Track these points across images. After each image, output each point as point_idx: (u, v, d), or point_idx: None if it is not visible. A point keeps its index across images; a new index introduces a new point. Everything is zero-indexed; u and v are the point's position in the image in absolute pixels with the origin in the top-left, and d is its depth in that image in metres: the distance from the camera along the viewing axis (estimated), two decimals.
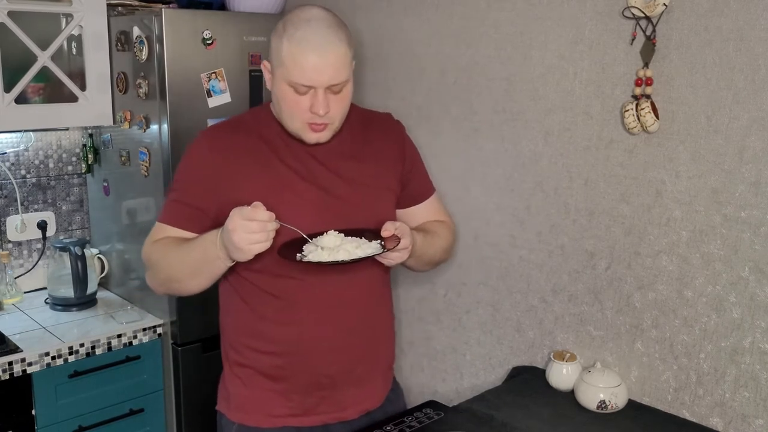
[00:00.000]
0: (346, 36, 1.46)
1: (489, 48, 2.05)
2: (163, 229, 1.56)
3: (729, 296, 1.62)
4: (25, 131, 2.57)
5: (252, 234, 1.35)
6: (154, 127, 2.32)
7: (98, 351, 2.27)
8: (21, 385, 2.12)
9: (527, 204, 2.01)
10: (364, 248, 1.46)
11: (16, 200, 2.59)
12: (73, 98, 2.40)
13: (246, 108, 2.34)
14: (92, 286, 2.53)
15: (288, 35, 1.42)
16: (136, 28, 2.32)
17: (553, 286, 1.97)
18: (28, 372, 2.12)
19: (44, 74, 2.36)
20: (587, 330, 1.91)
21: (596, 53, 1.80)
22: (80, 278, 2.44)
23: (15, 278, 2.57)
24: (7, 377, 2.08)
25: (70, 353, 2.20)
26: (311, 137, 1.50)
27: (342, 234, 1.48)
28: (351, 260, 1.42)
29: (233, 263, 1.45)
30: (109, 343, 2.29)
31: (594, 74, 1.81)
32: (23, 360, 2.11)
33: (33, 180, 2.64)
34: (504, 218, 2.08)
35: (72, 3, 2.35)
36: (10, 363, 2.09)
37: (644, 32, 1.68)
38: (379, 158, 1.63)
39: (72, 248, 2.42)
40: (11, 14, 2.24)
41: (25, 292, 2.62)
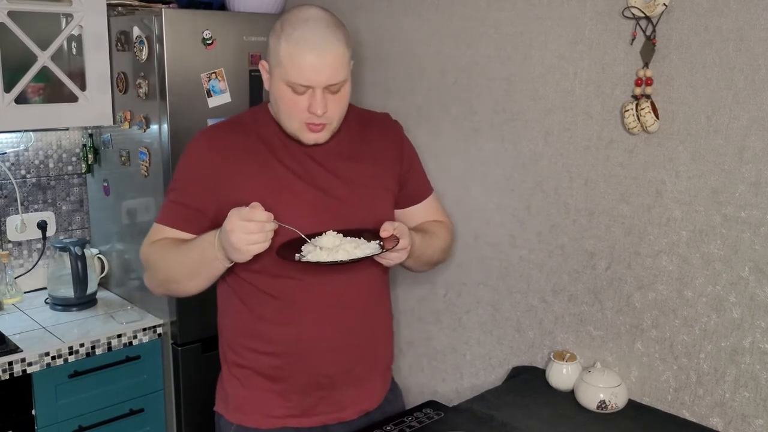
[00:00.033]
0: (344, 36, 1.46)
1: (489, 48, 2.05)
2: (161, 230, 1.55)
3: (729, 296, 1.62)
4: (25, 131, 2.57)
5: (250, 235, 1.34)
6: (154, 127, 2.32)
7: (98, 351, 2.27)
8: (21, 385, 2.12)
9: (527, 204, 2.01)
10: (363, 248, 1.46)
11: (16, 200, 2.59)
12: (73, 98, 2.41)
13: (246, 108, 2.34)
14: (92, 286, 2.53)
15: (286, 35, 1.42)
16: (136, 28, 2.32)
17: (553, 286, 1.97)
18: (28, 372, 2.12)
19: (44, 74, 2.36)
20: (587, 330, 1.91)
21: (596, 53, 1.80)
22: (80, 278, 2.44)
23: (15, 278, 2.57)
24: (7, 377, 2.08)
25: (70, 353, 2.20)
26: (309, 138, 1.49)
27: (341, 234, 1.48)
28: (350, 260, 1.41)
29: (232, 264, 1.45)
30: (109, 343, 2.29)
31: (594, 74, 1.81)
32: (23, 360, 2.11)
33: (33, 180, 2.64)
34: (504, 218, 2.08)
35: (72, 3, 2.35)
36: (10, 363, 2.09)
37: (644, 32, 1.68)
38: (377, 158, 1.63)
39: (72, 248, 2.42)
40: (11, 14, 2.24)
41: (25, 292, 2.62)
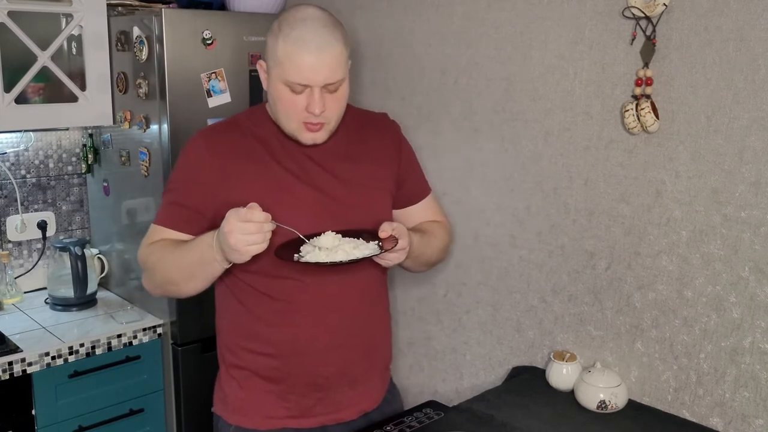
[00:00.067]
0: (342, 35, 1.45)
1: (489, 48, 2.05)
2: (159, 231, 1.55)
3: (729, 296, 1.62)
4: (25, 131, 2.57)
5: (248, 235, 1.34)
6: (154, 127, 2.32)
7: (98, 351, 2.27)
8: (21, 385, 2.12)
9: (527, 204, 2.01)
10: (362, 249, 1.46)
11: (16, 200, 2.59)
12: (73, 98, 2.41)
13: (246, 108, 2.34)
14: (92, 286, 2.53)
15: (284, 35, 1.42)
16: (136, 28, 2.32)
17: (553, 286, 1.97)
18: (28, 372, 2.12)
19: (44, 74, 2.36)
20: (587, 330, 1.91)
21: (596, 53, 1.80)
22: (80, 278, 2.44)
23: (15, 278, 2.57)
24: (7, 377, 2.08)
25: (70, 353, 2.20)
26: (307, 138, 1.49)
27: (339, 235, 1.47)
28: (349, 261, 1.41)
29: (230, 265, 1.44)
30: (109, 343, 2.29)
31: (594, 74, 1.81)
32: (23, 360, 2.11)
33: (33, 180, 2.64)
34: (504, 218, 2.08)
35: (72, 3, 2.35)
36: (10, 363, 2.09)
37: (644, 32, 1.68)
38: (376, 158, 1.63)
39: (72, 248, 2.42)
40: (11, 14, 2.24)
41: (25, 292, 2.62)
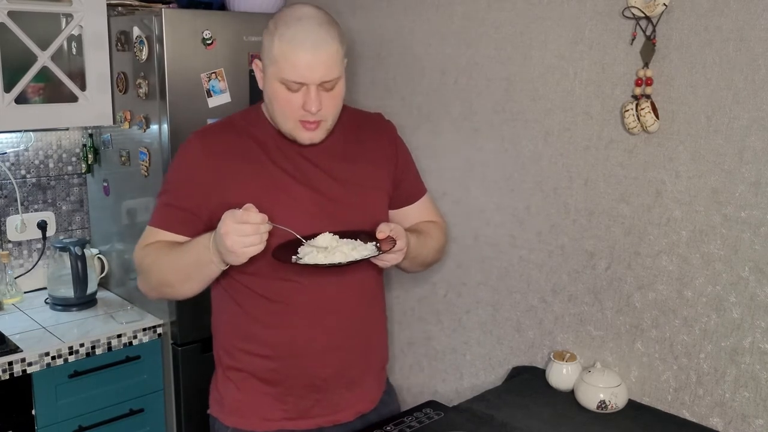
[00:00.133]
0: (338, 33, 1.45)
1: (489, 48, 2.05)
2: (155, 233, 1.54)
3: (729, 296, 1.62)
4: (25, 131, 2.57)
5: (245, 237, 1.33)
6: (154, 127, 2.32)
7: (98, 351, 2.27)
8: (21, 385, 2.12)
9: (527, 204, 2.01)
10: (360, 250, 1.45)
11: (16, 200, 2.59)
12: (73, 98, 2.41)
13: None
14: (92, 286, 2.53)
15: (279, 33, 1.42)
16: (136, 28, 2.32)
17: (553, 286, 1.97)
18: (28, 372, 2.12)
19: (44, 74, 2.36)
20: (587, 330, 1.91)
21: (596, 53, 1.80)
22: (80, 278, 2.44)
23: (15, 278, 2.57)
24: (7, 377, 2.08)
25: (70, 353, 2.20)
26: (305, 137, 1.48)
27: (337, 236, 1.47)
28: (348, 262, 1.41)
29: (227, 267, 1.43)
30: (109, 343, 2.29)
31: (594, 74, 1.81)
32: (23, 360, 2.11)
33: (33, 180, 2.64)
34: (504, 218, 2.08)
35: (72, 3, 2.35)
36: (10, 363, 2.09)
37: (644, 32, 1.68)
38: (372, 159, 1.63)
39: (72, 248, 2.42)
40: (11, 14, 2.24)
41: (25, 292, 2.62)
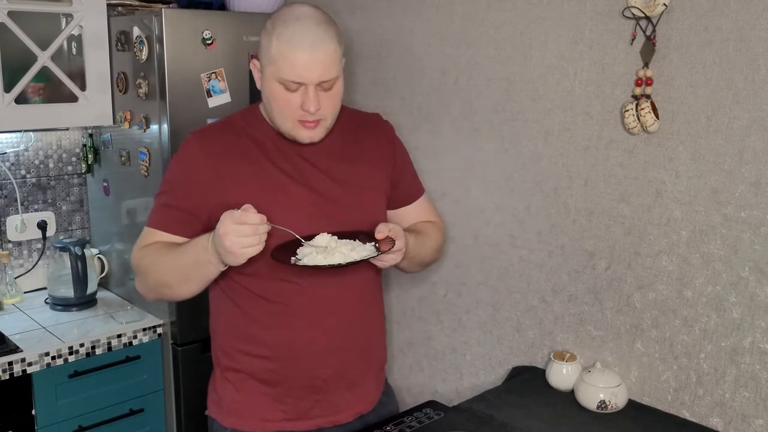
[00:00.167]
0: (336, 33, 1.45)
1: (489, 48, 2.05)
2: (153, 234, 1.53)
3: (729, 296, 1.62)
4: (25, 131, 2.57)
5: (244, 238, 1.33)
6: (154, 127, 2.32)
7: (98, 351, 2.27)
8: (21, 385, 2.12)
9: (527, 204, 2.01)
10: (359, 251, 1.45)
11: (16, 200, 2.59)
12: (73, 98, 2.40)
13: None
14: (92, 286, 2.53)
15: (277, 33, 1.42)
16: (136, 28, 2.32)
17: (553, 286, 1.97)
18: (28, 372, 2.12)
19: (44, 74, 2.36)
20: (587, 330, 1.91)
21: (596, 53, 1.80)
22: (80, 278, 2.44)
23: (15, 278, 2.57)
24: (7, 377, 2.08)
25: (70, 353, 2.20)
26: (304, 135, 1.48)
27: (335, 237, 1.46)
28: (347, 263, 1.40)
29: (226, 268, 1.43)
30: (109, 343, 2.29)
31: (594, 74, 1.81)
32: (23, 360, 2.11)
33: (33, 180, 2.64)
34: (504, 218, 2.08)
35: (72, 3, 2.35)
36: (10, 363, 2.09)
37: (644, 32, 1.68)
38: (370, 159, 1.62)
39: (72, 248, 2.42)
40: (11, 14, 2.24)
41: (25, 292, 2.62)
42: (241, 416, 1.60)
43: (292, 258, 1.43)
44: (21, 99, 2.32)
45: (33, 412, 2.15)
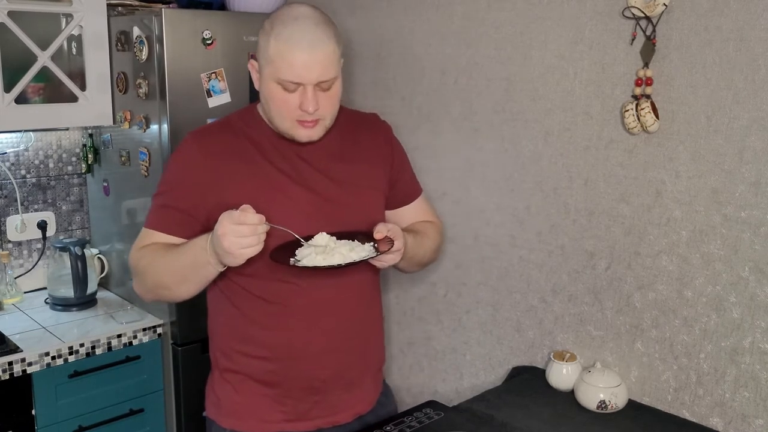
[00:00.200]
0: (334, 33, 1.45)
1: (489, 48, 2.05)
2: (151, 235, 1.52)
3: (729, 296, 1.62)
4: (25, 131, 2.57)
5: (243, 238, 1.32)
6: (154, 127, 2.32)
7: (98, 351, 2.27)
8: (21, 385, 2.12)
9: (527, 204, 2.01)
10: (358, 251, 1.44)
11: (16, 200, 2.59)
12: (73, 98, 2.40)
13: None
14: (92, 286, 2.53)
15: (276, 33, 1.41)
16: (136, 28, 2.32)
17: (553, 286, 1.97)
18: (28, 372, 2.12)
19: (44, 74, 2.36)
20: (587, 330, 1.91)
21: (596, 53, 1.80)
22: (80, 278, 2.44)
23: (15, 278, 2.57)
24: (7, 377, 2.08)
25: (70, 353, 2.20)
26: (302, 134, 1.47)
27: (334, 237, 1.46)
28: (346, 264, 1.40)
29: (224, 268, 1.42)
30: (109, 343, 2.29)
31: (594, 74, 1.81)
32: (23, 360, 2.11)
33: (33, 180, 2.64)
34: (504, 218, 2.08)
35: (72, 3, 2.35)
36: (10, 363, 2.09)
37: (644, 32, 1.68)
38: (368, 159, 1.62)
39: (72, 248, 2.42)
40: (11, 14, 2.24)
41: (25, 292, 2.62)
42: (240, 417, 1.60)
43: (291, 259, 1.43)
44: (21, 99, 2.32)
45: (33, 412, 2.15)
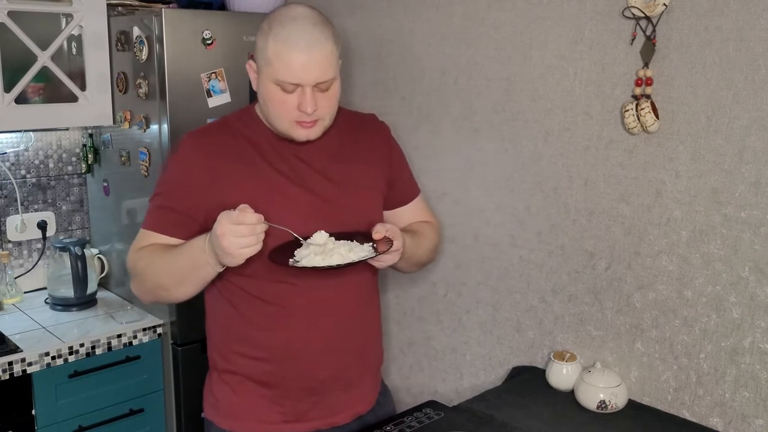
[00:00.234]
0: (333, 34, 1.44)
1: (489, 48, 2.05)
2: (149, 236, 1.52)
3: (729, 296, 1.62)
4: (25, 131, 2.57)
5: (241, 238, 1.32)
6: (154, 127, 2.32)
7: (98, 351, 2.27)
8: (21, 385, 2.12)
9: (527, 204, 2.01)
10: (357, 251, 1.44)
11: (16, 200, 2.59)
12: (73, 98, 2.41)
13: None
14: (92, 286, 2.53)
15: (274, 34, 1.41)
16: (136, 28, 2.32)
17: (553, 286, 1.97)
18: (28, 372, 2.12)
19: (44, 74, 2.36)
20: (587, 330, 1.91)
21: (596, 53, 1.80)
22: (80, 278, 2.44)
23: (15, 278, 2.57)
24: (7, 377, 2.08)
25: (70, 353, 2.20)
26: (301, 134, 1.47)
27: (332, 238, 1.46)
28: (346, 264, 1.40)
29: (223, 269, 1.42)
30: (109, 343, 2.29)
31: (594, 74, 1.81)
32: (23, 360, 2.11)
33: (33, 180, 2.64)
34: (504, 218, 2.08)
35: (72, 3, 2.35)
36: (10, 363, 2.09)
37: (644, 32, 1.68)
38: (367, 159, 1.62)
39: (72, 248, 2.42)
40: (11, 14, 2.24)
41: (25, 292, 2.62)
42: (239, 418, 1.59)
43: (290, 259, 1.43)
44: (21, 99, 2.32)
45: (33, 412, 2.16)
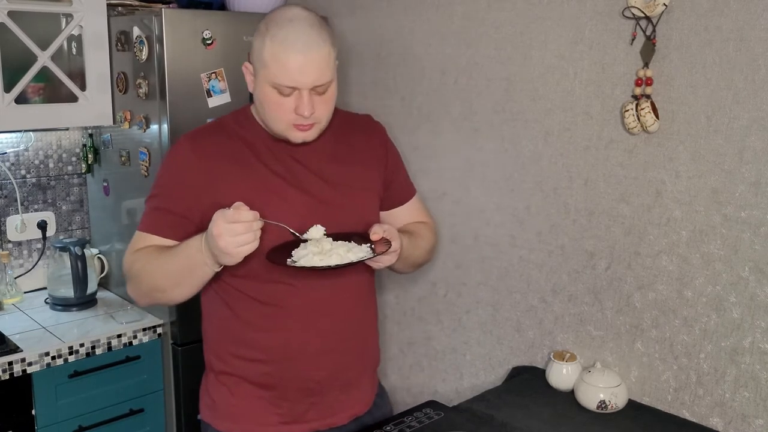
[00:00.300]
0: (329, 35, 1.44)
1: (489, 48, 2.05)
2: (145, 238, 1.51)
3: (729, 296, 1.62)
4: (25, 131, 2.57)
5: (238, 236, 1.31)
6: (154, 127, 2.32)
7: (98, 351, 2.27)
8: (21, 385, 2.12)
9: (527, 204, 2.01)
10: (355, 252, 1.44)
11: (16, 200, 2.59)
12: (73, 98, 2.40)
13: None
14: (92, 286, 2.53)
15: (270, 35, 1.40)
16: (136, 28, 2.32)
17: (553, 286, 1.97)
18: (28, 372, 2.12)
19: (44, 74, 2.36)
20: (587, 330, 1.91)
21: (596, 53, 1.80)
22: (80, 278, 2.44)
23: (15, 278, 2.57)
24: (7, 377, 2.08)
25: (70, 353, 2.20)
26: (297, 136, 1.47)
27: (330, 239, 1.46)
28: (344, 264, 1.40)
29: (220, 269, 1.42)
30: (109, 343, 2.29)
31: (594, 74, 1.81)
32: (23, 360, 2.11)
33: (33, 180, 2.64)
34: (504, 218, 2.08)
35: (72, 3, 2.35)
36: (10, 363, 2.09)
37: (644, 32, 1.68)
38: (363, 160, 1.62)
39: (72, 248, 2.42)
40: (11, 14, 2.24)
41: (25, 292, 2.62)
42: (236, 420, 1.59)
43: (288, 259, 1.42)
44: (21, 99, 2.32)
45: (33, 412, 2.15)
